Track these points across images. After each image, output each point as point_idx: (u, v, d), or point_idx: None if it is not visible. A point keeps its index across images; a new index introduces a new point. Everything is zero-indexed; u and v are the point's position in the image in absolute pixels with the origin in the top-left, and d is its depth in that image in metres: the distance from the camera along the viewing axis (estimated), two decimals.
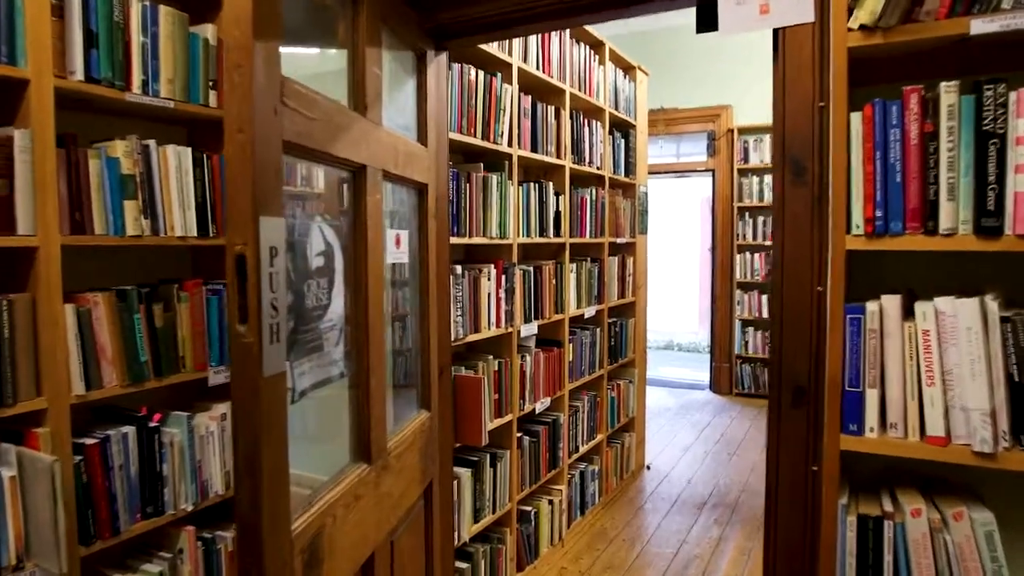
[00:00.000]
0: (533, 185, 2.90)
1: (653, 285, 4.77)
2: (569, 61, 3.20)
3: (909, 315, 1.20)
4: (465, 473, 2.44)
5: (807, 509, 1.44)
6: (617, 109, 3.84)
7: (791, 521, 1.45)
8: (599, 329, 3.64)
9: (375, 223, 1.39)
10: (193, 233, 1.77)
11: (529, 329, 2.86)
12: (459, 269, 2.36)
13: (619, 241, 3.89)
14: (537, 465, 2.99)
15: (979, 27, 1.12)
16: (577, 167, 3.30)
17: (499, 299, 2.62)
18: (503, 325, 2.65)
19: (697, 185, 9.87)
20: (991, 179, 1.10)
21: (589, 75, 3.46)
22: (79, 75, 1.53)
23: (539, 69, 2.91)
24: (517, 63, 2.71)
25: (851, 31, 1.23)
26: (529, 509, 2.96)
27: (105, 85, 1.58)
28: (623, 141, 3.98)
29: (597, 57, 3.58)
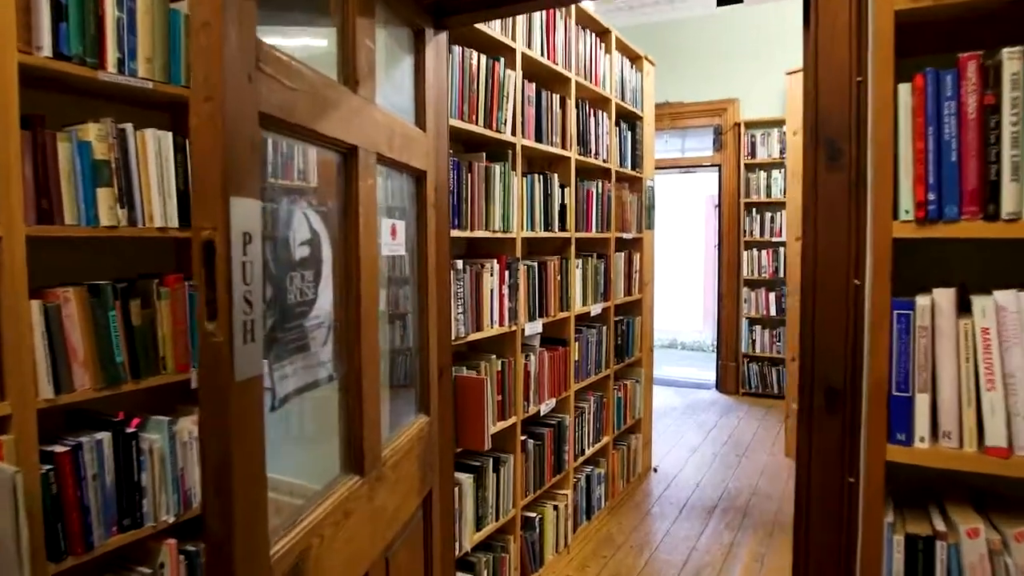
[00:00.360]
0: (538, 177, 2.77)
1: (657, 283, 4.64)
2: (575, 48, 3.07)
3: (963, 311, 1.07)
4: (467, 479, 2.31)
5: (842, 524, 1.31)
6: (624, 99, 3.71)
7: (824, 537, 1.33)
8: (605, 327, 3.52)
9: (368, 211, 1.26)
10: (174, 224, 1.64)
11: (533, 327, 2.73)
12: (460, 264, 2.23)
13: (626, 236, 3.77)
14: (542, 469, 2.86)
15: None
16: (583, 159, 3.18)
17: (502, 296, 2.49)
18: (506, 323, 2.52)
19: (701, 181, 9.73)
20: None
21: (595, 63, 3.33)
22: (47, 51, 1.41)
23: (544, 55, 2.79)
24: (521, 48, 2.58)
25: None
26: (533, 515, 2.84)
27: (76, 62, 1.46)
28: (629, 133, 3.85)
29: (603, 45, 3.45)
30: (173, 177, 1.65)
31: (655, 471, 4.31)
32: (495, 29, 2.40)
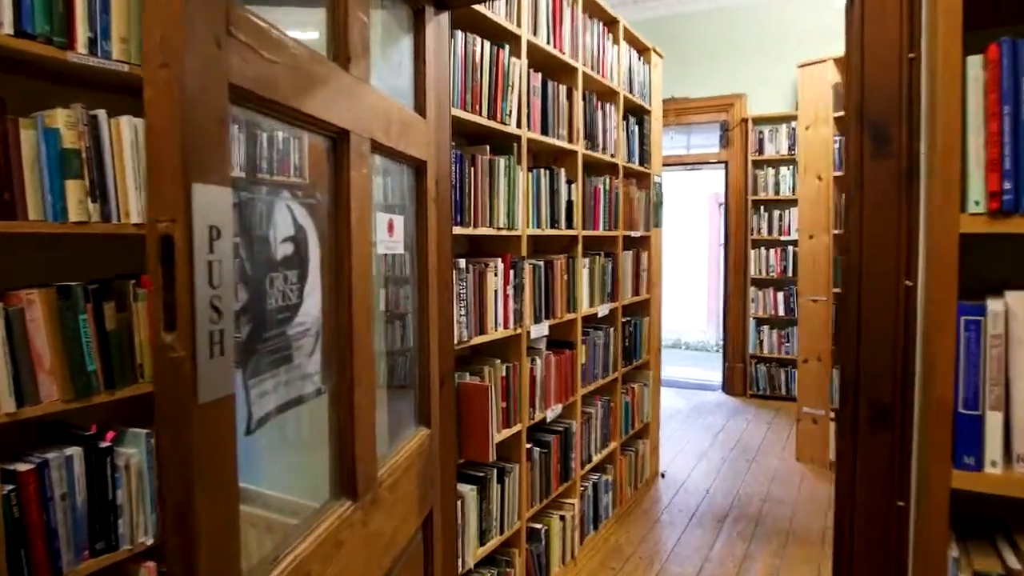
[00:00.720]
0: (544, 171, 2.64)
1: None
2: (582, 38, 2.94)
3: None
4: (470, 492, 2.18)
5: (890, 554, 1.18)
6: (632, 92, 3.58)
7: (870, 567, 1.19)
8: (613, 329, 3.38)
9: (362, 204, 1.13)
10: None
11: (539, 330, 2.60)
12: (463, 263, 2.10)
13: (633, 235, 3.63)
14: (548, 478, 2.73)
15: None
16: (590, 153, 3.04)
17: (507, 296, 2.36)
18: (511, 325, 2.39)
19: (706, 179, 9.59)
20: None
21: (602, 54, 3.19)
22: (7, 28, 1.27)
23: (550, 44, 2.65)
24: (527, 36, 2.44)
25: None
26: (539, 527, 2.71)
27: (41, 41, 1.32)
28: (637, 128, 3.72)
29: (611, 36, 3.31)
30: None
31: (662, 477, 4.18)
32: (499, 14, 2.26)
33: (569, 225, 2.86)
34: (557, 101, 2.74)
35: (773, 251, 6.06)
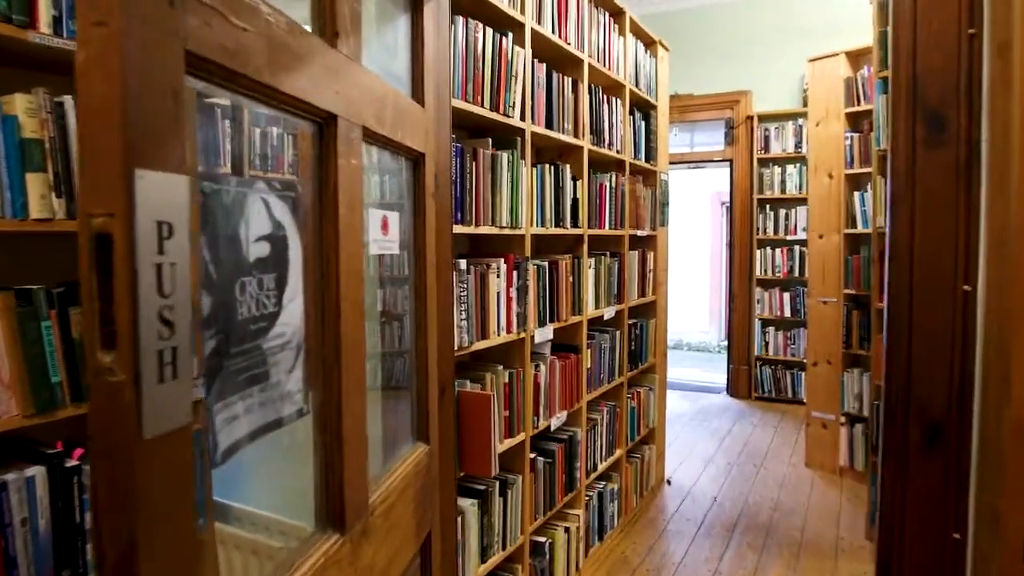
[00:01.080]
0: (548, 167, 2.51)
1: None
2: (588, 28, 2.81)
3: None
4: (470, 507, 2.05)
5: None
6: (638, 87, 3.45)
7: None
8: (619, 332, 3.26)
9: (351, 198, 1.00)
10: None
11: (544, 334, 2.47)
12: (463, 264, 1.97)
13: (640, 234, 3.50)
14: (552, 489, 2.60)
15: None
16: (596, 149, 2.91)
17: (510, 299, 2.23)
18: (515, 330, 2.26)
19: (709, 178, 9.47)
20: None
21: (608, 46, 3.06)
22: None
23: (555, 33, 2.52)
24: (531, 24, 2.31)
25: None
26: (543, 540, 2.58)
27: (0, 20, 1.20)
28: (643, 123, 3.59)
29: (617, 27, 3.19)
30: None
31: (668, 483, 4.06)
32: (503, 1, 2.13)
33: (574, 224, 2.74)
34: (562, 94, 2.61)
35: (779, 251, 5.94)
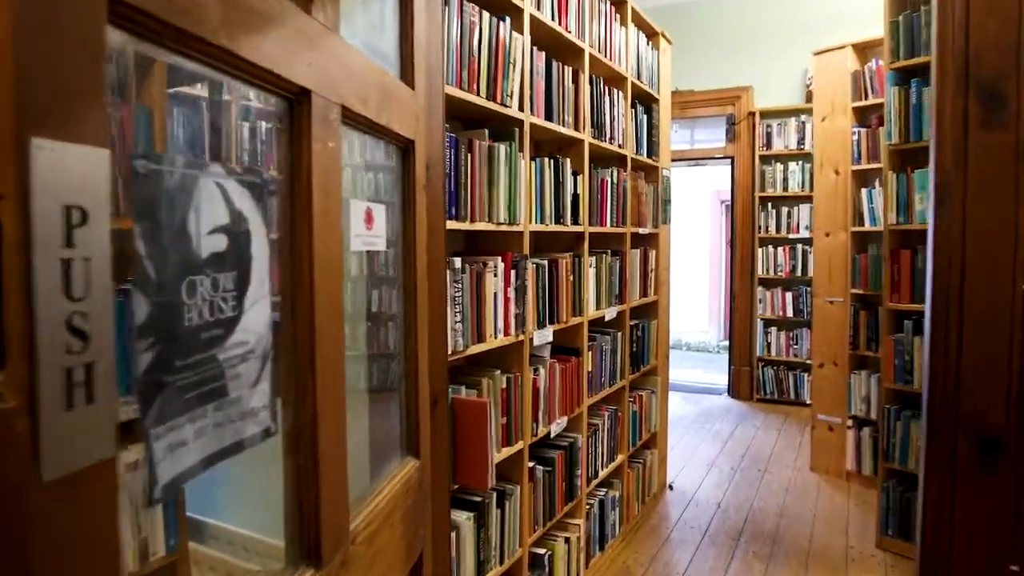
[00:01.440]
0: (548, 161, 2.39)
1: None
2: (588, 16, 2.69)
3: None
4: (466, 521, 1.93)
5: None
6: (640, 79, 3.33)
7: None
8: (620, 333, 3.14)
9: (328, 187, 0.88)
10: None
11: (543, 336, 2.35)
12: (458, 263, 1.85)
13: (641, 232, 3.39)
14: (552, 498, 2.48)
15: None
16: (597, 143, 2.79)
17: (508, 300, 2.11)
18: (513, 332, 2.14)
19: (708, 176, 9.37)
20: None
21: (610, 36, 2.94)
22: None
23: (555, 20, 2.40)
24: (530, 9, 2.19)
25: None
26: (543, 552, 2.46)
27: None
28: (645, 117, 3.47)
29: (619, 16, 3.07)
30: None
31: (671, 488, 3.94)
32: None
33: (575, 221, 2.62)
34: (562, 84, 2.49)
35: (781, 249, 5.83)
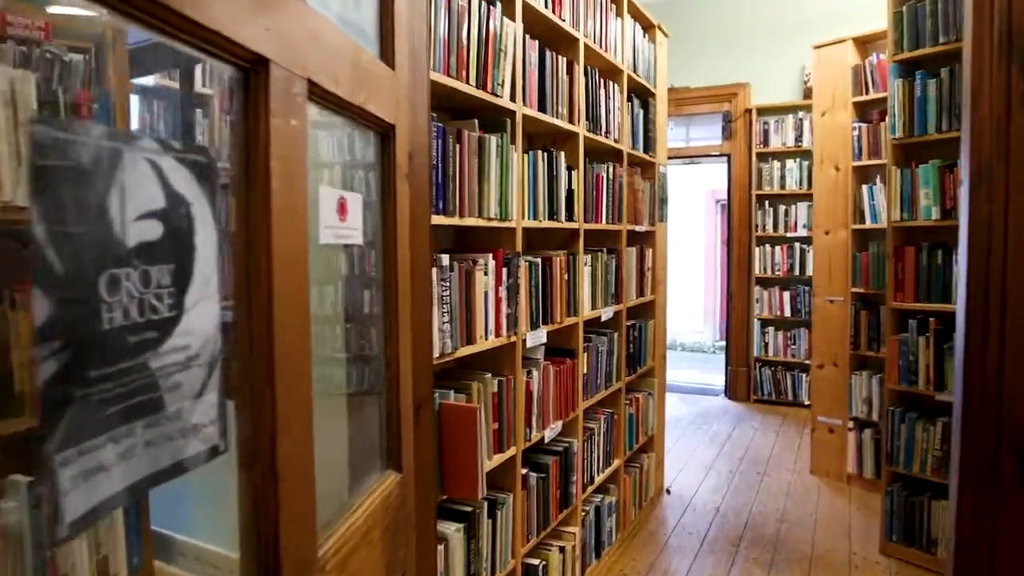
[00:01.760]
0: (541, 154, 2.29)
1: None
2: (584, 5, 2.59)
3: None
4: (455, 533, 1.83)
5: None
6: (636, 72, 3.23)
7: None
8: (617, 334, 3.04)
9: (291, 170, 0.78)
10: (24, 203, 1.15)
11: (537, 337, 2.25)
12: (446, 260, 1.75)
13: (638, 229, 3.29)
14: (546, 506, 2.38)
15: None
16: (592, 137, 2.69)
17: (499, 299, 2.01)
18: (504, 333, 2.04)
19: (703, 175, 9.29)
20: None
21: (605, 26, 2.85)
22: None
23: (548, 8, 2.30)
24: None
25: None
26: (537, 563, 2.36)
27: None
28: (642, 112, 3.38)
29: (615, 7, 2.97)
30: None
31: (668, 493, 3.85)
32: None
33: (570, 217, 2.52)
34: (556, 75, 2.39)
35: (779, 248, 5.75)
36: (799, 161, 5.61)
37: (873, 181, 3.86)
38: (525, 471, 2.23)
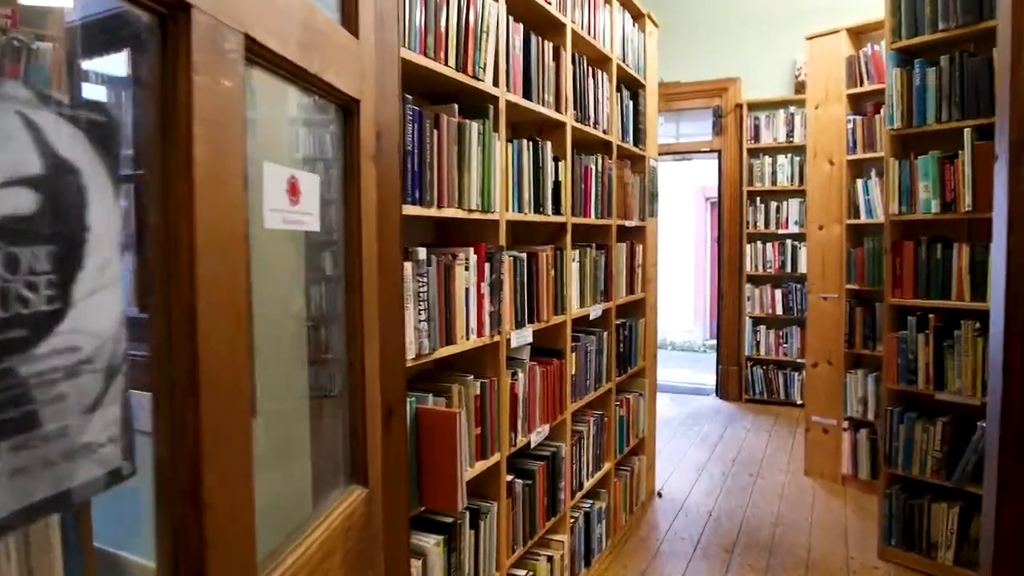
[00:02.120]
0: (527, 143, 2.17)
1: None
2: None
3: None
4: (434, 546, 1.71)
5: None
6: (625, 62, 3.12)
7: None
8: (606, 333, 2.93)
9: (222, 139, 0.65)
10: None
11: (522, 336, 2.13)
12: (424, 254, 1.62)
13: (628, 224, 3.18)
14: (532, 515, 2.26)
15: None
16: (580, 127, 2.58)
17: (481, 296, 1.89)
18: (487, 332, 1.92)
19: (692, 172, 9.21)
20: None
21: (593, 13, 2.73)
22: None
23: None
24: None
25: None
26: (523, 573, 2.24)
27: None
28: (631, 103, 3.27)
29: None
30: None
31: (659, 496, 3.74)
32: None
33: (556, 210, 2.40)
34: (542, 61, 2.27)
35: (770, 245, 5.66)
36: (790, 157, 5.52)
37: (868, 175, 3.77)
38: (510, 478, 2.12)
